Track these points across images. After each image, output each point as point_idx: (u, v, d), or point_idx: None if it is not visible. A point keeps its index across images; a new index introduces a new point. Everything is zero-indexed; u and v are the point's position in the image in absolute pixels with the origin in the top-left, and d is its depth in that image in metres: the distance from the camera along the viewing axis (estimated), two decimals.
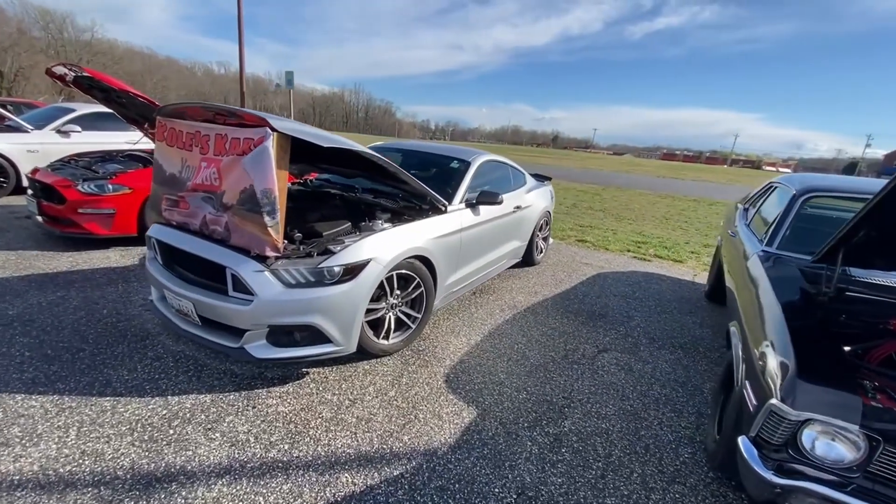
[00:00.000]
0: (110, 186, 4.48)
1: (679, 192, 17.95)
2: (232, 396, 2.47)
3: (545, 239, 5.75)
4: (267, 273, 2.39)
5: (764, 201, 3.79)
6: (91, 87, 5.04)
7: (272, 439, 2.17)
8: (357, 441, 2.21)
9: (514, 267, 5.20)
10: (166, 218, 2.78)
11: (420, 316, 3.14)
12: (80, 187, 4.41)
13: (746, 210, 4.30)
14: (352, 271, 2.56)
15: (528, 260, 5.30)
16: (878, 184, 3.21)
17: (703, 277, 5.77)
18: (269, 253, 2.36)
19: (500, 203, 3.86)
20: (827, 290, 2.07)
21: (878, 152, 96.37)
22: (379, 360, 2.97)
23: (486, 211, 3.92)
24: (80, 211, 4.42)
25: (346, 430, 2.29)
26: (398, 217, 3.27)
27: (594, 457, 2.26)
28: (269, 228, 2.30)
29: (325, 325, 2.50)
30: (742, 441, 1.70)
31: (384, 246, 2.76)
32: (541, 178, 6.03)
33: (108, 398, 2.35)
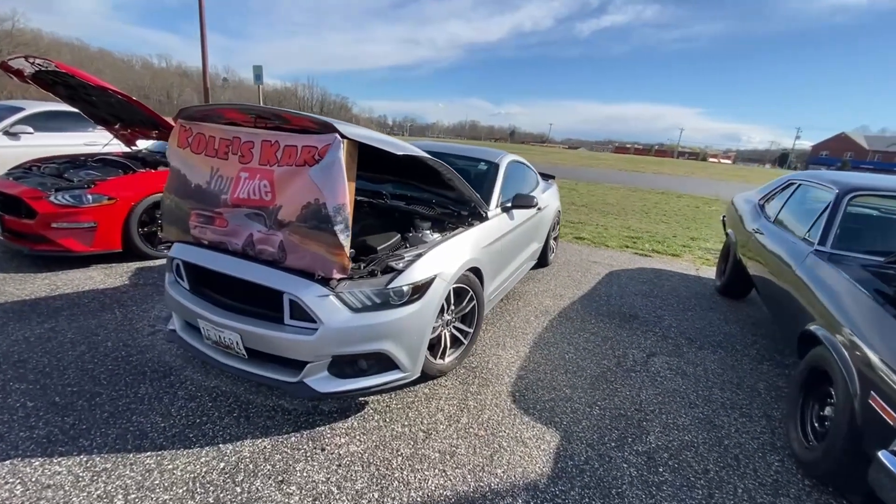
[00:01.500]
0: (89, 197, 3.94)
1: (645, 186, 18.60)
2: (293, 438, 2.17)
3: (555, 239, 5.68)
4: (332, 297, 2.12)
5: (789, 199, 3.86)
6: (55, 83, 4.44)
7: (357, 487, 1.92)
8: (450, 480, 2.00)
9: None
10: (196, 237, 2.41)
11: (472, 330, 2.94)
12: (53, 198, 3.85)
13: (762, 207, 4.39)
14: (419, 290, 2.33)
15: (542, 261, 5.20)
16: None
17: (705, 272, 5.90)
18: (337, 275, 2.08)
19: (536, 206, 3.72)
20: None
21: (807, 143, 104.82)
22: (436, 381, 2.75)
23: (518, 214, 3.77)
24: (54, 226, 3.86)
25: (432, 467, 2.07)
26: (439, 225, 3.05)
27: (693, 474, 2.16)
28: (338, 248, 2.03)
29: (395, 351, 2.25)
30: (885, 456, 1.64)
31: (446, 260, 2.54)
32: (545, 176, 5.95)
33: (148, 453, 2.00)
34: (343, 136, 1.97)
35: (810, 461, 2.16)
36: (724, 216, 5.82)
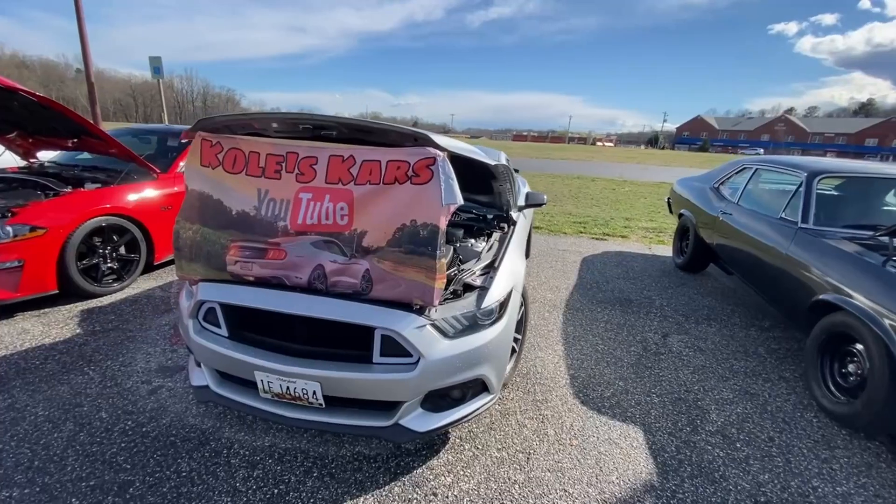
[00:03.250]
0: (8, 229, 3.08)
1: (560, 172, 19.87)
2: (397, 488, 1.94)
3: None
4: (429, 327, 1.91)
5: (748, 183, 4.36)
6: None
7: None
8: (578, 500, 1.94)
9: None
10: (236, 273, 2.00)
11: (521, 337, 2.89)
12: None
13: (718, 190, 4.92)
14: (503, 306, 2.20)
15: (525, 253, 5.29)
16: (864, 163, 3.96)
17: (658, 251, 6.49)
18: (436, 301, 1.88)
19: (545, 203, 3.74)
20: None
21: (672, 126, 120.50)
22: (503, 396, 2.65)
23: (527, 213, 3.77)
24: None
25: (553, 489, 1.99)
26: (468, 232, 2.94)
27: (764, 444, 2.37)
28: (437, 273, 1.82)
29: (489, 374, 2.11)
30: None
31: (514, 270, 2.44)
32: None
33: None
34: (442, 149, 1.76)
35: (847, 414, 2.49)
36: (668, 199, 6.44)
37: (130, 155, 3.94)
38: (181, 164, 4.47)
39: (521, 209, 3.56)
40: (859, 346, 2.49)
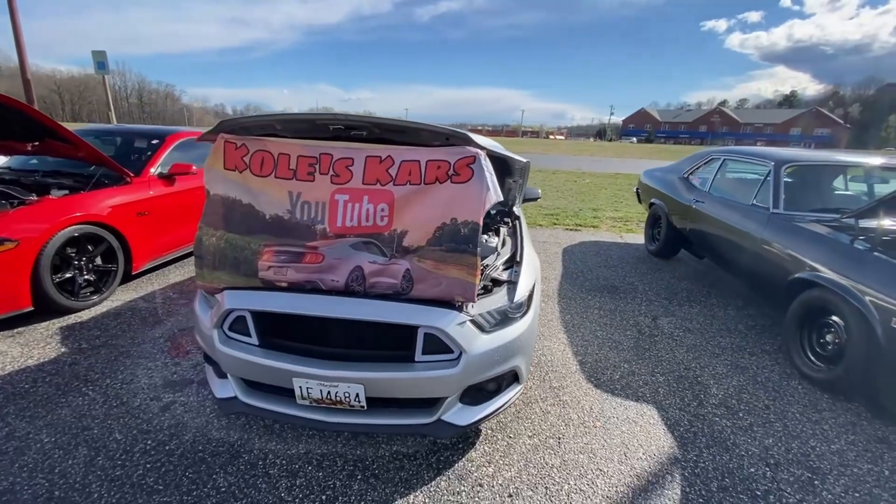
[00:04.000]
0: None
1: None
2: (443, 483, 1.97)
3: None
4: (469, 323, 1.95)
5: (718, 173, 4.68)
6: None
7: None
8: (614, 477, 2.05)
9: None
10: (268, 279, 1.93)
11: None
12: None
13: (688, 180, 5.25)
14: (530, 299, 2.28)
15: None
16: (816, 153, 4.34)
17: (630, 238, 6.82)
18: (476, 298, 1.92)
19: (540, 198, 3.85)
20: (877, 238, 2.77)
21: (618, 119, 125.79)
22: None
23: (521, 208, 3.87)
24: None
25: (589, 471, 2.09)
26: None
27: (762, 411, 2.59)
28: (477, 268, 1.86)
29: (521, 365, 2.18)
30: None
31: (534, 264, 2.52)
32: None
33: None
34: (481, 148, 1.79)
35: (829, 380, 2.77)
36: (637, 190, 6.78)
37: (101, 158, 3.67)
38: (154, 166, 4.21)
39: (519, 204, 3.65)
40: (836, 319, 2.77)
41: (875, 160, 3.97)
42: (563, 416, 2.47)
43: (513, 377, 2.19)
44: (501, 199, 1.86)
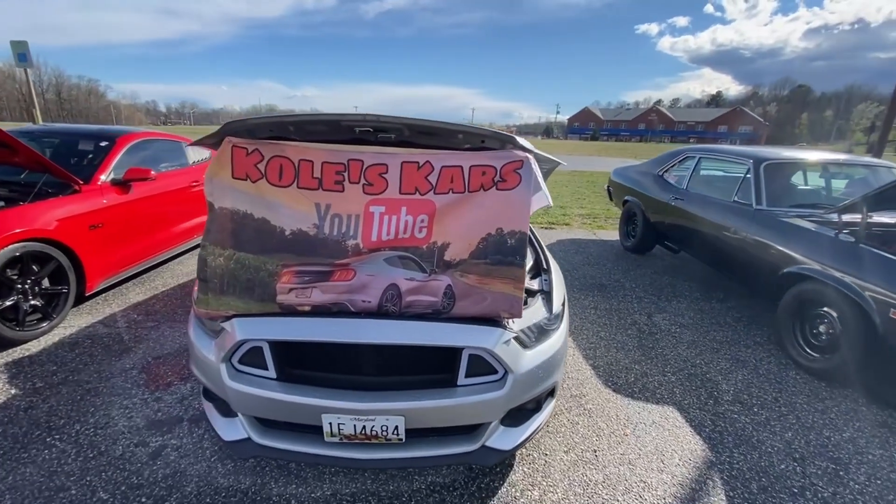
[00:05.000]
0: None
1: None
2: None
3: None
4: (513, 340, 1.81)
5: (694, 171, 4.83)
6: None
7: None
8: (659, 488, 2.00)
9: None
10: (288, 304, 1.69)
11: None
12: None
13: (663, 178, 5.40)
14: (563, 307, 2.18)
15: None
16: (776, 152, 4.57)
17: (603, 235, 6.97)
18: (522, 313, 1.78)
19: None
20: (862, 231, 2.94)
21: (564, 117, 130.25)
22: None
23: None
24: None
25: (634, 483, 2.03)
26: None
27: (774, 404, 2.66)
28: (523, 282, 1.73)
29: (559, 379, 2.08)
30: None
31: (557, 268, 2.43)
32: None
33: None
34: (528, 151, 1.66)
35: (825, 369, 2.89)
36: (608, 188, 6.93)
37: (44, 163, 3.17)
38: (105, 171, 3.72)
39: None
40: (828, 310, 2.90)
41: (834, 157, 4.27)
42: (593, 426, 2.40)
43: (549, 392, 2.08)
44: (551, 204, 1.74)
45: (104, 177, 3.69)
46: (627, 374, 2.92)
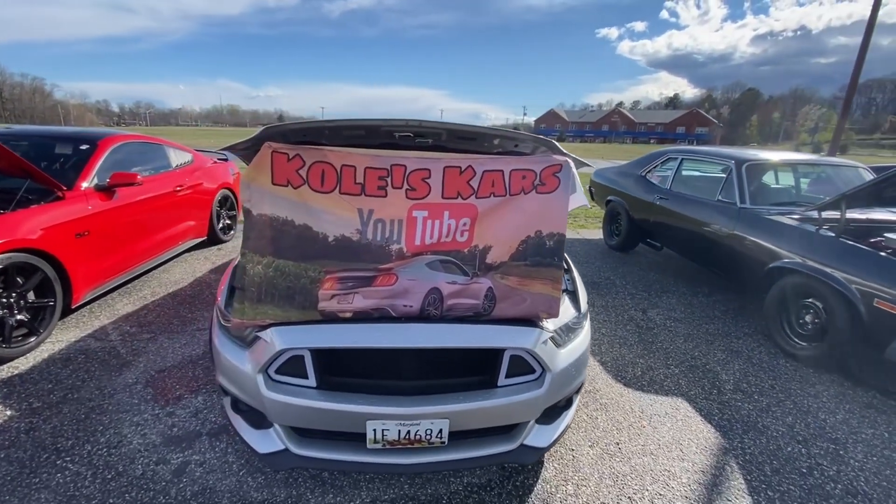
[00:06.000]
0: None
1: None
2: None
3: None
4: (549, 340, 1.86)
5: (677, 172, 5.05)
6: None
7: None
8: (683, 476, 2.09)
9: None
10: (331, 310, 1.67)
11: None
12: None
13: (646, 178, 5.61)
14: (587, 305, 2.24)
15: None
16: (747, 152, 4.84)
17: (587, 234, 7.16)
18: (559, 313, 1.83)
19: None
20: (843, 227, 3.16)
21: (531, 119, 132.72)
22: None
23: None
24: None
25: (660, 474, 2.11)
26: None
27: (770, 391, 2.83)
28: (560, 283, 1.78)
29: (586, 375, 2.14)
30: None
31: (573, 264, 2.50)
32: None
33: None
34: (566, 155, 1.71)
35: (813, 356, 3.10)
36: (590, 188, 7.13)
37: (27, 168, 2.98)
38: (88, 177, 3.52)
39: None
40: (814, 301, 3.11)
41: (806, 158, 4.57)
42: (612, 419, 2.49)
43: (576, 389, 2.14)
44: (588, 205, 1.80)
45: (87, 182, 3.50)
46: (634, 369, 3.03)
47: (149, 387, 2.57)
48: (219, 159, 5.90)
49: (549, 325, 1.89)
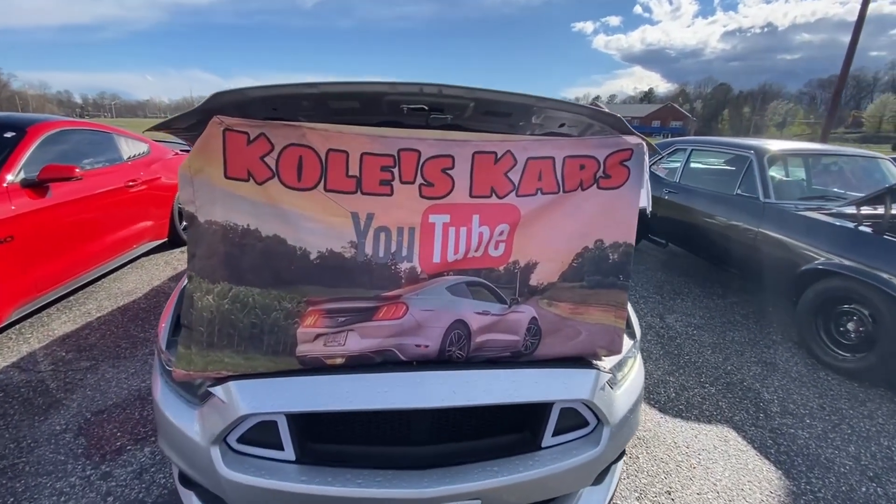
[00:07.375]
0: None
1: None
2: None
3: None
4: (607, 383, 1.42)
5: (686, 164, 4.70)
6: None
7: None
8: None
9: None
10: (313, 357, 1.18)
11: None
12: None
13: (651, 170, 5.25)
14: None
15: None
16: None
17: None
18: (622, 348, 1.40)
19: None
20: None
21: None
22: None
23: None
24: None
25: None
26: None
27: (821, 411, 2.49)
28: (625, 309, 1.34)
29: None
30: None
31: None
32: None
33: None
34: (640, 136, 1.26)
35: (858, 369, 2.77)
36: None
37: None
38: (13, 170, 2.90)
39: None
40: (857, 307, 2.78)
41: (831, 149, 4.29)
42: (655, 459, 2.08)
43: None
44: (650, 208, 1.36)
45: (11, 176, 2.88)
46: (667, 389, 2.65)
47: (81, 436, 2.03)
48: (181, 150, 5.26)
49: (607, 363, 1.46)
